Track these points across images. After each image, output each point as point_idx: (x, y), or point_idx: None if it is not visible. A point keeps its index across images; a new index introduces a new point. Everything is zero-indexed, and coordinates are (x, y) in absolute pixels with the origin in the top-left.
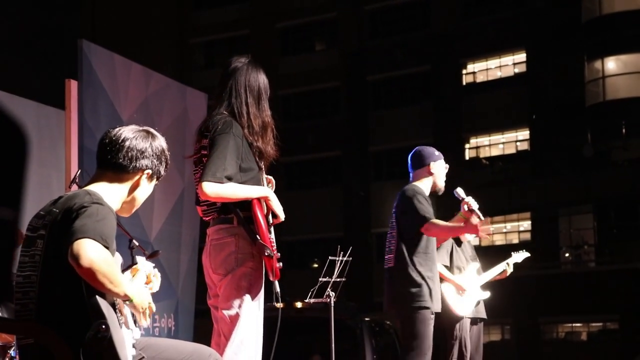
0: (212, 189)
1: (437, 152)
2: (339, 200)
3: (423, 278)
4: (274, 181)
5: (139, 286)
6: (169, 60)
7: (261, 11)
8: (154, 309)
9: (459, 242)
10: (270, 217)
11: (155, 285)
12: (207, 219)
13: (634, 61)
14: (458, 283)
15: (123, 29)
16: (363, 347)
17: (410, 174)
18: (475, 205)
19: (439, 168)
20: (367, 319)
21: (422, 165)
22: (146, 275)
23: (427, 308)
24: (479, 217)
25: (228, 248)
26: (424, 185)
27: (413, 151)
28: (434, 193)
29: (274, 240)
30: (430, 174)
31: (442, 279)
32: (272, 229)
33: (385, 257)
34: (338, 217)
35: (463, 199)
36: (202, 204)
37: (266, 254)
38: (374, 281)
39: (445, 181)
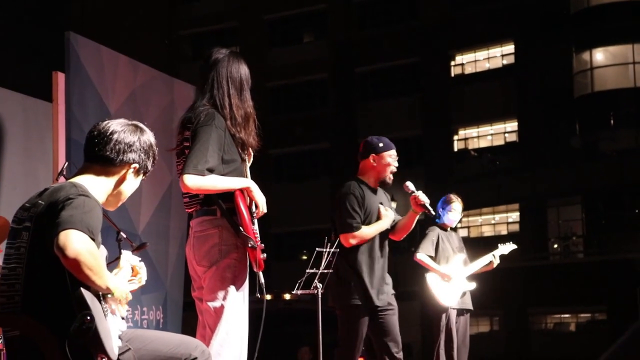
0: (193, 182)
1: (382, 144)
2: (328, 192)
3: (354, 275)
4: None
5: (122, 280)
6: (157, 52)
7: (249, 3)
8: (130, 298)
9: (443, 228)
10: (253, 208)
11: (143, 276)
12: (189, 210)
13: (622, 52)
14: (442, 272)
15: (111, 21)
16: None
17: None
18: (425, 200)
19: (383, 160)
20: None
21: (364, 157)
22: (132, 268)
23: (356, 305)
24: (429, 212)
25: (212, 240)
26: (367, 178)
27: (364, 141)
28: (382, 185)
29: (258, 231)
30: (372, 167)
31: (426, 269)
32: (255, 220)
33: None
34: (326, 208)
35: (412, 192)
36: (184, 195)
37: (250, 245)
38: None
39: (433, 169)
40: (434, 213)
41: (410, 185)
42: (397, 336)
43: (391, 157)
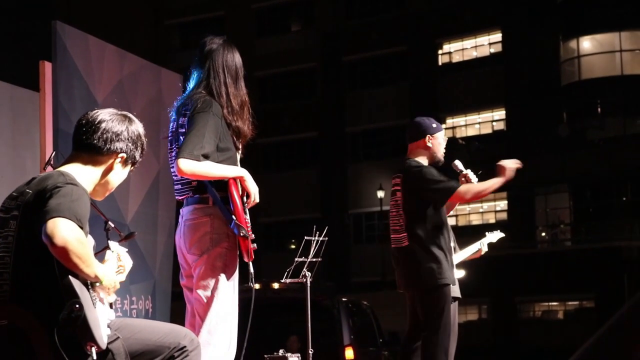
0: (189, 166)
1: (434, 124)
2: (316, 181)
3: (442, 253)
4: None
5: (109, 269)
6: (144, 41)
7: None
8: (118, 287)
9: None
10: (245, 197)
11: (126, 265)
12: (180, 198)
13: (609, 40)
14: None
15: (98, 11)
16: (340, 327)
17: (409, 146)
18: (474, 178)
19: (437, 140)
20: (344, 299)
21: (418, 138)
22: (117, 257)
23: (448, 284)
24: None
25: (203, 228)
26: (422, 158)
27: (411, 123)
28: (435, 165)
29: (249, 221)
30: (427, 147)
31: None
32: (247, 209)
33: (393, 236)
34: (315, 198)
35: (462, 171)
36: (176, 182)
37: (242, 234)
38: (351, 262)
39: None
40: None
41: (459, 164)
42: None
43: (443, 138)
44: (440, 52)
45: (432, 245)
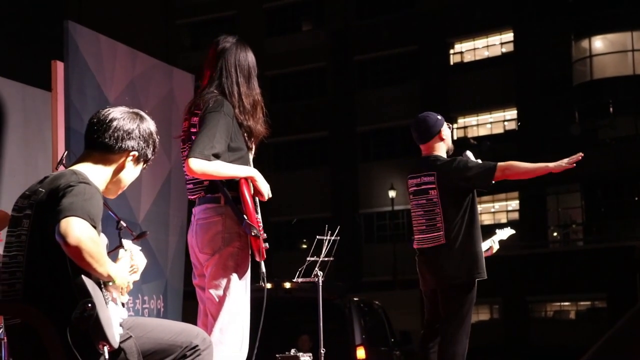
0: (199, 166)
1: (439, 116)
2: (327, 180)
3: (480, 249)
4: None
5: (122, 268)
6: (156, 41)
7: None
8: (131, 287)
9: None
10: (256, 197)
11: (139, 265)
12: (192, 197)
13: (621, 40)
14: None
15: (109, 10)
16: (352, 326)
17: (423, 146)
18: None
19: (447, 131)
20: (355, 298)
21: (434, 133)
22: (131, 256)
23: (482, 279)
24: None
25: (215, 227)
26: (440, 153)
27: (418, 123)
28: (449, 153)
29: (261, 220)
30: (442, 139)
31: None
32: (258, 209)
33: (419, 237)
34: (326, 197)
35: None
36: (188, 182)
37: (253, 234)
38: (362, 261)
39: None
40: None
41: (470, 154)
42: None
43: (449, 125)
44: (451, 51)
45: (470, 240)
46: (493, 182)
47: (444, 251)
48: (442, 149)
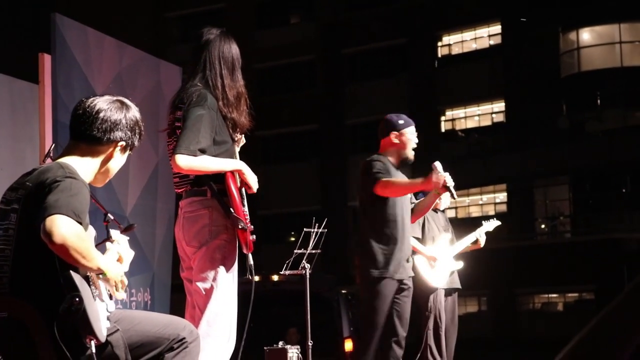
0: (185, 162)
1: (402, 121)
2: (316, 173)
3: (382, 247)
4: (243, 139)
5: (112, 260)
6: (144, 34)
7: None
8: (127, 282)
9: (434, 209)
10: (243, 190)
11: (125, 257)
12: (179, 191)
13: (609, 32)
14: (429, 255)
15: (97, 3)
16: (340, 319)
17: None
18: (451, 183)
19: (404, 137)
20: (343, 291)
21: (384, 135)
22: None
23: (386, 278)
24: (452, 196)
25: (202, 220)
26: (389, 156)
27: (382, 120)
28: (404, 162)
29: (248, 213)
30: (394, 144)
31: (413, 252)
32: (245, 201)
33: None
34: (315, 190)
35: (439, 173)
36: (174, 176)
37: (240, 226)
38: (350, 254)
39: (419, 151)
40: (456, 197)
41: (438, 165)
42: None
43: (412, 134)
44: (439, 44)
45: (373, 239)
46: (375, 193)
47: (358, 246)
48: (390, 153)
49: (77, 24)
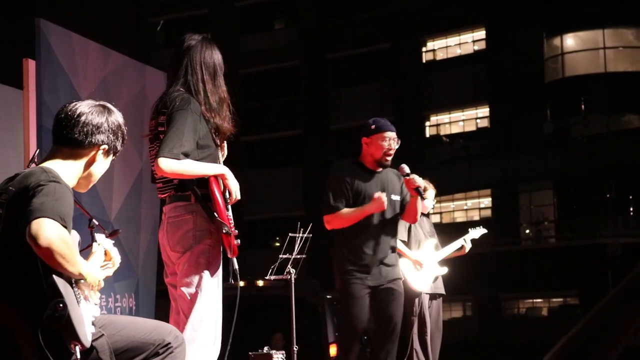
0: (169, 165)
1: (374, 126)
2: (300, 178)
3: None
4: (226, 149)
5: (94, 265)
6: (128, 39)
7: None
8: (102, 285)
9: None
10: (227, 194)
11: (116, 260)
12: (163, 196)
13: (593, 38)
14: (414, 259)
15: (81, 8)
16: (325, 324)
17: None
18: (420, 183)
19: (374, 143)
20: (329, 296)
21: (359, 138)
22: (105, 252)
23: (354, 283)
24: (421, 196)
25: (186, 225)
26: (363, 160)
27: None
28: (380, 163)
29: (232, 217)
30: (365, 148)
31: (399, 255)
32: (229, 206)
33: None
34: (299, 195)
35: (408, 174)
36: (158, 181)
37: (224, 231)
38: None
39: (404, 156)
40: (425, 197)
41: (405, 167)
42: None
43: (385, 140)
44: (424, 49)
45: (342, 245)
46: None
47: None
48: (364, 157)
49: (62, 29)
